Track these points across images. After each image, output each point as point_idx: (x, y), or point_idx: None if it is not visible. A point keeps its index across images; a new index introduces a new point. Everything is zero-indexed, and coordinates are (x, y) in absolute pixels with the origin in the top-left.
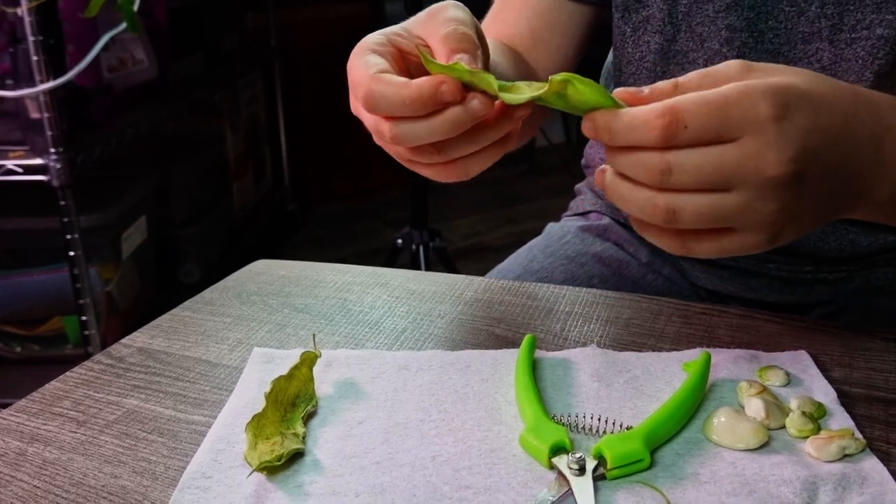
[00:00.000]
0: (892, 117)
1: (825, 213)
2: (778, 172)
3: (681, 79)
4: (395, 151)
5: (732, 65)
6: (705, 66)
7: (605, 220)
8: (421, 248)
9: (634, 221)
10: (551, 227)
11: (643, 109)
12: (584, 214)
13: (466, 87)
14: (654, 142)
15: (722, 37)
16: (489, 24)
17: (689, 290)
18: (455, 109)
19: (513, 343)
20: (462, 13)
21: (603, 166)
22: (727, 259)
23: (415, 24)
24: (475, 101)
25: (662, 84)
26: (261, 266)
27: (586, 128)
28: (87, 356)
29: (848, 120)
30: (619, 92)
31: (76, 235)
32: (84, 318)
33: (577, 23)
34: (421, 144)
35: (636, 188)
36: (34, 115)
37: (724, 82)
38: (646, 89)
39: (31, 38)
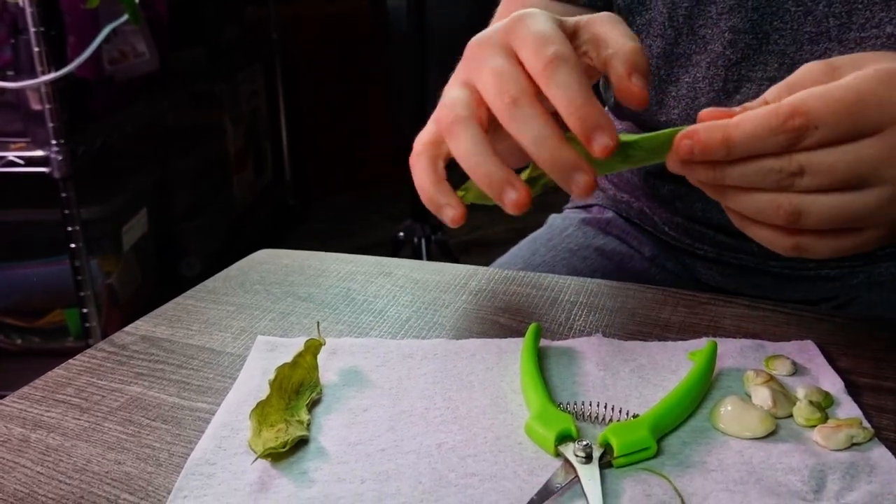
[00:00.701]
0: None
1: None
2: None
3: (766, 95)
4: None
5: (814, 69)
6: (708, 68)
7: (609, 214)
8: (423, 241)
9: (738, 217)
10: (553, 219)
11: (762, 113)
12: (586, 207)
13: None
14: (782, 147)
15: (725, 39)
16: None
17: (692, 286)
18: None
19: (518, 332)
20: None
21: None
22: (729, 256)
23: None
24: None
25: (751, 103)
26: (264, 255)
27: (683, 150)
28: (88, 348)
29: None
30: (707, 112)
31: (77, 227)
32: (85, 310)
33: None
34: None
35: (753, 193)
36: (35, 106)
37: (815, 78)
38: (736, 109)
39: (32, 30)
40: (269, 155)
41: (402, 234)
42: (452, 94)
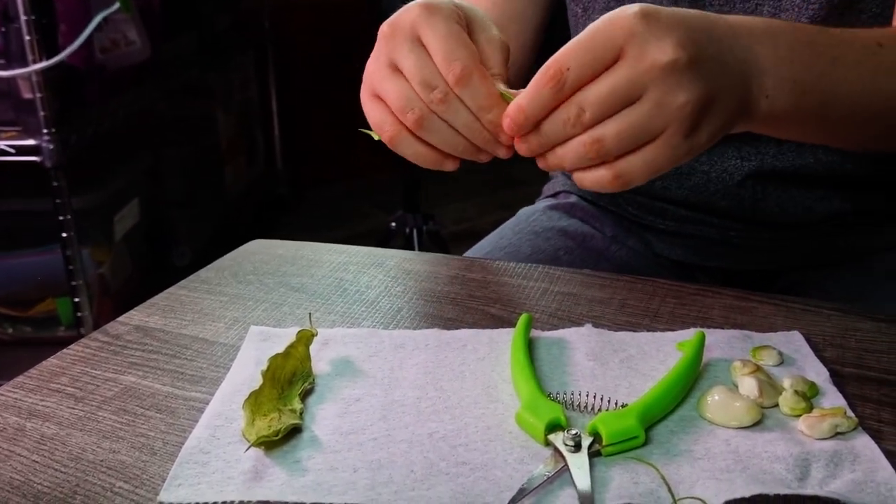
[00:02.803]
0: (740, 14)
1: (731, 108)
2: (668, 58)
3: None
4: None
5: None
6: None
7: (572, 199)
8: (414, 232)
9: (576, 178)
10: (523, 210)
11: (536, 75)
12: (554, 195)
13: None
14: (554, 96)
15: (665, 6)
16: None
17: (653, 262)
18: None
19: (509, 323)
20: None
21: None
22: (689, 229)
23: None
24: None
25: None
26: (257, 246)
27: (507, 126)
28: (80, 338)
29: (714, 19)
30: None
31: (69, 217)
32: (76, 299)
33: (534, 12)
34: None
35: (566, 144)
36: (26, 95)
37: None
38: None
39: (23, 18)
40: (261, 144)
41: (393, 224)
42: (371, 111)
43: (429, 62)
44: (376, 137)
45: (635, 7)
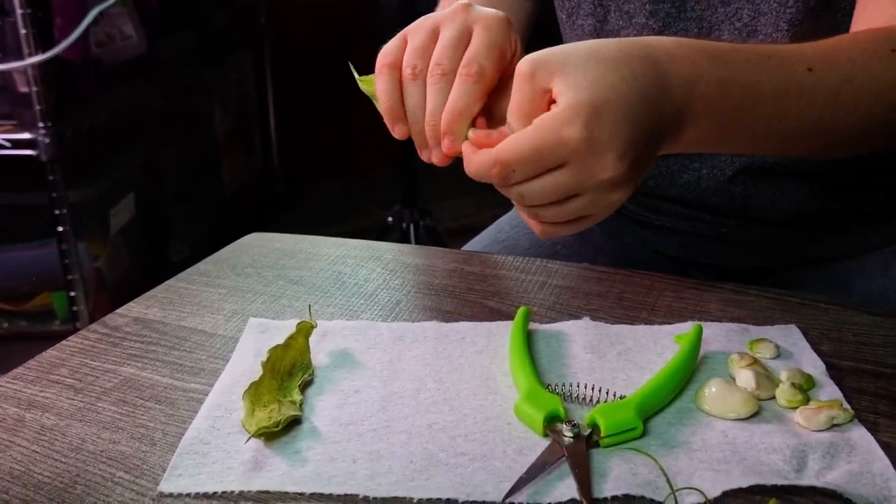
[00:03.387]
0: (671, 65)
1: (650, 164)
2: (612, 174)
3: (508, 115)
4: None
5: (524, 91)
6: None
7: None
8: (412, 227)
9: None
10: None
11: (483, 156)
12: None
13: None
14: (498, 184)
15: (647, 11)
16: None
17: (649, 257)
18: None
19: (507, 315)
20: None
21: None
22: (683, 226)
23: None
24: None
25: (503, 126)
26: (255, 239)
27: (447, 149)
28: (76, 332)
29: (634, 87)
30: (474, 135)
31: (65, 211)
32: (72, 293)
33: (521, 18)
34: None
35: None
36: (22, 88)
37: (527, 102)
38: (493, 133)
39: (18, 11)
40: (258, 140)
41: (390, 219)
42: (390, 43)
43: (460, 47)
44: (358, 77)
45: (580, 123)
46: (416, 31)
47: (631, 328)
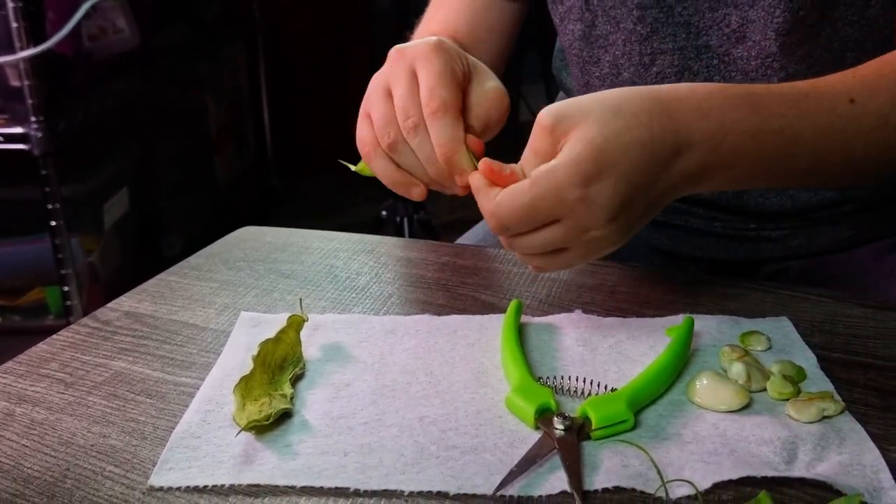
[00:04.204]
0: (698, 122)
1: (648, 218)
2: (604, 232)
3: (523, 158)
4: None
5: (539, 139)
6: (624, 46)
7: None
8: (405, 221)
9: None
10: None
11: (484, 207)
12: None
13: None
14: (495, 232)
15: (634, 16)
16: (430, 23)
17: (645, 251)
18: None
19: (499, 309)
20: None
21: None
22: (676, 219)
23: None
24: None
25: (511, 169)
26: (247, 232)
27: (462, 189)
28: (72, 324)
29: (646, 149)
30: (482, 165)
31: (58, 205)
32: (66, 288)
33: (510, 21)
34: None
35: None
36: (14, 82)
37: (544, 150)
38: (507, 169)
39: (10, 5)
40: (252, 134)
41: (384, 212)
42: (360, 127)
43: (415, 93)
44: (353, 168)
45: (576, 182)
46: (373, 101)
47: (623, 321)
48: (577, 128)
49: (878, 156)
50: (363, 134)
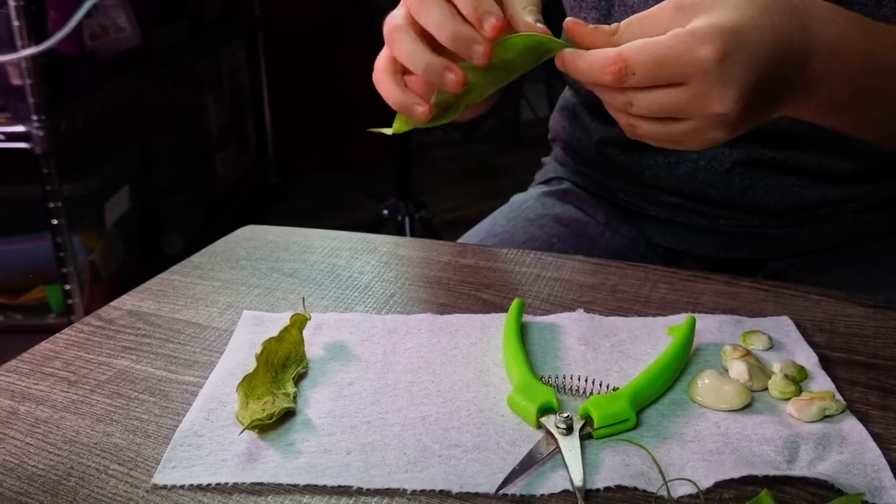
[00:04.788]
0: (822, 28)
1: (761, 118)
2: (725, 110)
3: (622, 23)
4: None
5: (665, 8)
6: None
7: (565, 185)
8: (406, 220)
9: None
10: (516, 197)
11: (599, 55)
12: (547, 182)
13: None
14: (610, 83)
15: (649, 4)
16: None
17: (646, 249)
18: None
19: (500, 308)
20: None
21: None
22: (680, 217)
23: None
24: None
25: (606, 27)
26: (249, 231)
27: (559, 63)
28: (70, 325)
29: (779, 40)
30: (568, 22)
31: (59, 203)
32: (67, 286)
33: None
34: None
35: (605, 93)
36: (15, 81)
37: (661, 24)
38: (591, 26)
39: (12, 3)
40: (252, 132)
41: (385, 211)
42: (394, 12)
43: None
44: (389, 132)
45: (717, 45)
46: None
47: (624, 320)
48: (711, 9)
49: None
50: (379, 61)
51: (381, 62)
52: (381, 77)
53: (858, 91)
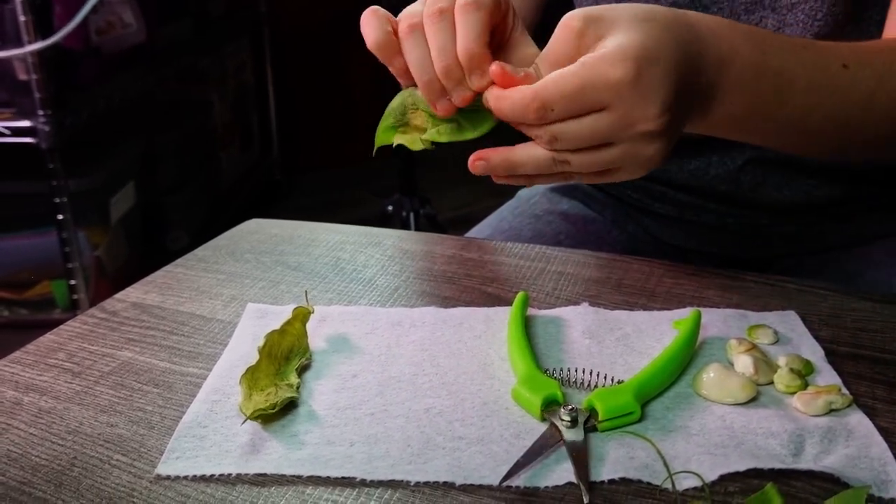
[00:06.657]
0: (712, 41)
1: (684, 125)
2: (651, 127)
3: (533, 64)
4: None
5: (561, 41)
6: None
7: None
8: (411, 215)
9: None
10: (522, 192)
11: (518, 94)
12: None
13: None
14: (534, 120)
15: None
16: None
17: (652, 246)
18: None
19: (505, 301)
20: None
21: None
22: (688, 214)
23: None
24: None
25: (522, 71)
26: (254, 225)
27: (488, 107)
28: (79, 315)
29: (684, 51)
30: (493, 71)
31: (65, 199)
32: (72, 282)
33: None
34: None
35: (532, 148)
36: (21, 76)
37: (567, 55)
38: (521, 71)
39: None
40: (257, 129)
41: (390, 207)
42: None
43: None
44: (377, 145)
45: (629, 65)
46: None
47: (629, 314)
48: (614, 30)
49: (860, 126)
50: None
51: (373, 9)
52: (368, 19)
53: (757, 103)
